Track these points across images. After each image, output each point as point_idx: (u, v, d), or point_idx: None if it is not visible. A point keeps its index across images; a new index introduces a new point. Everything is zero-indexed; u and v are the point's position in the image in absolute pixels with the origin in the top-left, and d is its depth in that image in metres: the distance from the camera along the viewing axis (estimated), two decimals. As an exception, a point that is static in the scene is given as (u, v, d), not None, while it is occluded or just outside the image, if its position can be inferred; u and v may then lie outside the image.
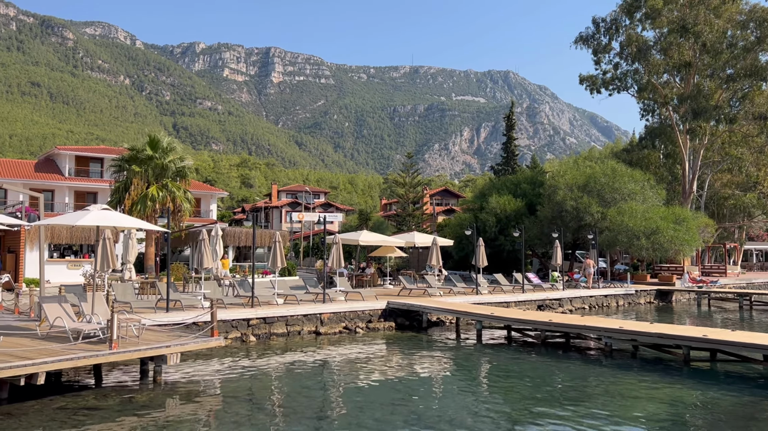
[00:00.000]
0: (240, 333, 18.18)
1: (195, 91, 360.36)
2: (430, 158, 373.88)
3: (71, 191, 47.37)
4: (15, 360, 10.26)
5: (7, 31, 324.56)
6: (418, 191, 63.41)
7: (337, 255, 23.68)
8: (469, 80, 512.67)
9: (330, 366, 15.29)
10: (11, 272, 27.22)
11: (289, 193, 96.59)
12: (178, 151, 31.86)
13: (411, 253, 42.58)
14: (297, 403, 11.56)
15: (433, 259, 27.66)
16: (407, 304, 21.97)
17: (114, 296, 18.09)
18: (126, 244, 24.46)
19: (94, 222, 13.18)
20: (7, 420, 9.78)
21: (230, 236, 35.07)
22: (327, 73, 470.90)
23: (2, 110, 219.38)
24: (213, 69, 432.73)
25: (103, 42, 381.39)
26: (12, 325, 14.28)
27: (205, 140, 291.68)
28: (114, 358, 11.63)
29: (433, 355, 17.10)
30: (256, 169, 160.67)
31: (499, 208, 39.93)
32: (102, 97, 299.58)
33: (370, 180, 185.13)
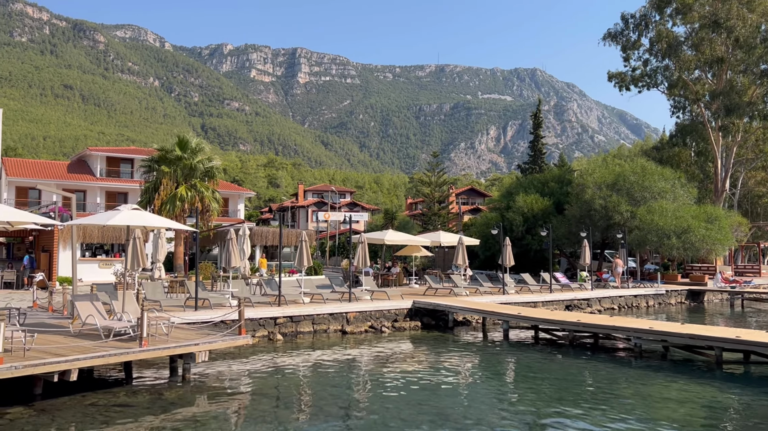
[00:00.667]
0: (267, 332, 18.34)
1: (223, 92, 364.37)
2: (456, 157, 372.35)
3: (102, 191, 48.28)
4: (49, 357, 10.49)
5: (40, 35, 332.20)
6: (444, 190, 63.21)
7: (363, 254, 23.73)
8: (496, 78, 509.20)
9: (356, 365, 15.33)
10: (45, 271, 27.88)
11: (315, 193, 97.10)
12: (207, 151, 32.28)
13: (437, 253, 42.48)
14: (323, 402, 11.62)
15: (459, 259, 27.55)
16: (433, 304, 21.92)
17: (144, 294, 18.39)
18: (156, 244, 24.83)
19: (124, 222, 13.41)
20: (41, 415, 10.01)
21: (257, 235, 35.40)
22: (353, 73, 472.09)
23: (36, 112, 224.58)
24: (240, 70, 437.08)
25: (133, 44, 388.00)
26: (46, 323, 14.61)
27: (233, 141, 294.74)
28: (144, 356, 11.82)
29: (460, 355, 17.03)
30: (282, 169, 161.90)
31: (526, 207, 39.58)
32: (132, 98, 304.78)
33: (395, 179, 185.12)
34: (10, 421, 9.65)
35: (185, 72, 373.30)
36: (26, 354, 10.55)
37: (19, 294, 24.17)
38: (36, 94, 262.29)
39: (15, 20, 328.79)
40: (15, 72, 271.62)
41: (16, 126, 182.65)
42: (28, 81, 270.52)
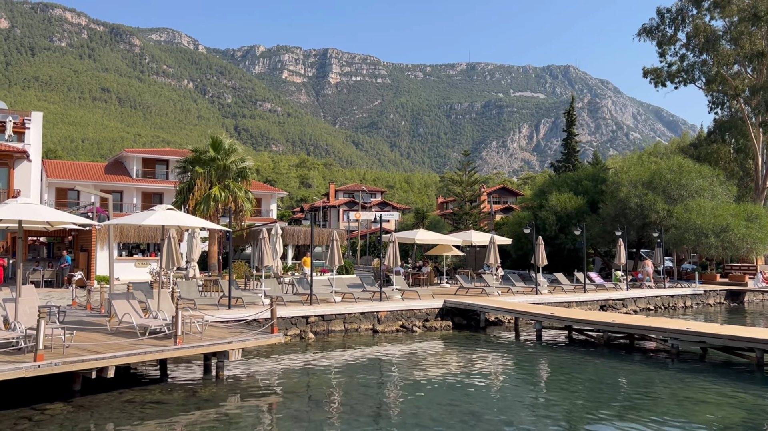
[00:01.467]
0: (299, 330, 18.47)
1: (255, 93, 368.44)
2: (487, 156, 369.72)
3: (138, 192, 49.26)
4: (87, 354, 10.74)
5: (79, 40, 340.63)
6: (475, 189, 62.80)
7: (394, 253, 23.72)
8: (528, 76, 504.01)
9: (387, 365, 15.33)
10: (84, 270, 28.56)
11: (347, 193, 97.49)
12: (240, 152, 32.66)
13: (468, 252, 42.23)
14: (355, 401, 11.64)
15: (490, 258, 27.35)
16: (465, 303, 21.79)
17: (179, 293, 18.70)
18: (190, 243, 25.23)
19: (159, 222, 13.64)
20: (79, 411, 10.25)
21: (289, 235, 35.69)
22: (383, 73, 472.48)
23: (75, 115, 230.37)
24: (272, 71, 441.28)
25: (167, 47, 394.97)
26: (84, 320, 14.96)
27: (265, 141, 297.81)
28: (179, 353, 12.02)
29: (492, 355, 16.90)
30: (314, 169, 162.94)
31: (559, 205, 39.08)
32: (167, 100, 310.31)
33: (426, 178, 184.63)
34: (50, 416, 9.90)
35: (219, 74, 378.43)
36: (65, 351, 10.82)
37: (58, 293, 24.81)
38: (75, 98, 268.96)
39: (55, 26, 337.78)
40: (55, 76, 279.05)
41: (56, 128, 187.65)
42: (68, 84, 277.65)
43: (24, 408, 10.16)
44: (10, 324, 11.68)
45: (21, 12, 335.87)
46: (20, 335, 10.94)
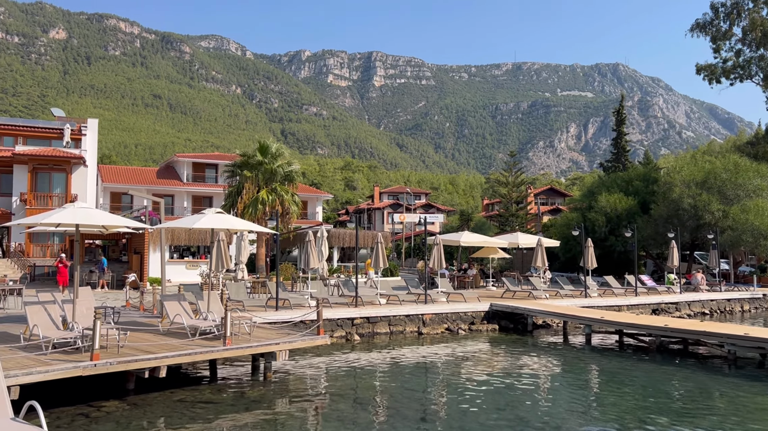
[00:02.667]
0: (345, 332, 18.58)
1: (301, 97, 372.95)
2: (534, 156, 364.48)
3: (189, 195, 50.47)
4: (140, 354, 11.06)
5: (132, 48, 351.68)
6: (522, 190, 61.99)
7: (438, 256, 23.62)
8: (576, 74, 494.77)
9: (433, 367, 15.27)
10: (137, 272, 29.43)
11: (391, 195, 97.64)
12: (286, 156, 33.14)
13: (514, 254, 41.69)
14: (400, 404, 11.63)
15: (538, 261, 26.94)
16: (511, 307, 21.52)
17: (228, 295, 19.06)
18: (239, 246, 25.71)
19: (209, 225, 13.94)
20: (133, 409, 10.56)
21: (335, 237, 35.97)
22: (428, 74, 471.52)
23: (128, 121, 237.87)
24: (318, 75, 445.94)
25: (216, 54, 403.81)
26: (137, 321, 15.40)
27: (311, 145, 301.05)
28: (228, 354, 12.25)
29: (539, 359, 16.63)
30: (359, 171, 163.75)
31: (609, 206, 38.20)
32: (216, 106, 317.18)
33: (471, 180, 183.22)
34: (106, 414, 10.23)
35: (266, 79, 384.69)
36: (120, 351, 11.16)
37: (113, 294, 25.63)
38: (128, 104, 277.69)
39: (109, 35, 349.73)
40: (109, 84, 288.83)
41: (111, 135, 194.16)
42: (121, 92, 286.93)
43: (81, 405, 10.52)
44: (69, 324, 12.14)
45: (78, 23, 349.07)
46: (78, 335, 11.35)
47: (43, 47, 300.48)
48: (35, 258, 35.43)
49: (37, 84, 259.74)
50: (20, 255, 35.15)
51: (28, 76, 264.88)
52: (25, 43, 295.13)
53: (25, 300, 14.81)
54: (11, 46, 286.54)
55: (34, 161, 36.73)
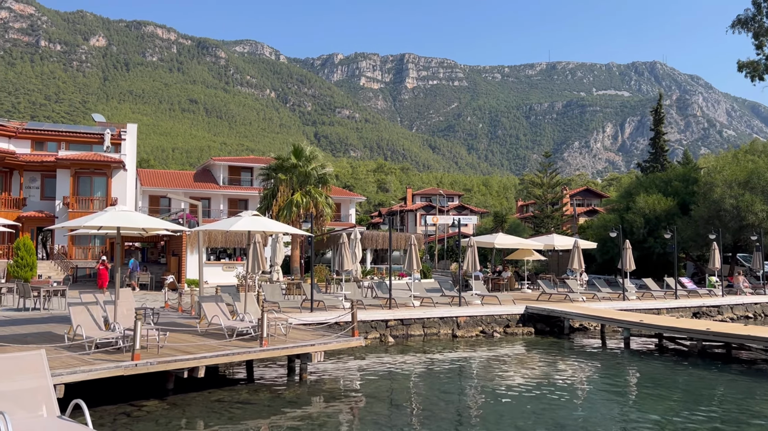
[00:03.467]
0: (378, 334, 18.61)
1: (334, 100, 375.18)
2: (569, 157, 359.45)
3: (225, 198, 51.23)
4: (180, 355, 11.26)
5: (169, 54, 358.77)
6: (557, 191, 61.22)
7: (472, 258, 23.47)
8: (611, 73, 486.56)
9: (467, 370, 15.18)
10: (175, 273, 29.97)
11: (424, 197, 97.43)
12: (320, 158, 33.39)
13: (550, 256, 41.15)
14: (435, 406, 11.58)
15: (574, 263, 26.55)
16: (547, 309, 21.26)
17: (264, 296, 19.27)
18: (274, 248, 25.95)
19: (246, 228, 14.13)
20: (173, 409, 10.75)
21: (368, 239, 36.06)
22: (460, 75, 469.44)
23: (166, 126, 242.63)
24: (350, 78, 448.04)
25: (250, 59, 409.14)
26: (176, 322, 15.68)
27: (344, 147, 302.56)
28: (264, 355, 12.38)
29: (577, 363, 16.38)
30: (391, 173, 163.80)
31: (647, 207, 37.44)
32: (250, 110, 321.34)
33: (505, 181, 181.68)
34: (147, 413, 10.44)
35: (299, 83, 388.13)
36: (159, 351, 11.37)
37: (152, 295, 26.16)
38: (165, 109, 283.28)
39: (147, 41, 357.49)
40: (147, 89, 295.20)
41: (149, 139, 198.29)
42: (159, 97, 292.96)
43: (122, 404, 10.76)
44: (110, 324, 12.42)
45: (117, 30, 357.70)
46: (119, 335, 11.61)
47: (84, 54, 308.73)
48: (77, 260, 36.41)
49: (78, 90, 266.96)
50: (63, 257, 36.17)
51: (70, 83, 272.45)
52: (67, 50, 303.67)
53: (69, 301, 15.24)
54: (54, 54, 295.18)
55: (76, 165, 37.76)
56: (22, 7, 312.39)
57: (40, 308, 19.60)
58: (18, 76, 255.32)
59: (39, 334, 13.68)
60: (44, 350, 6.85)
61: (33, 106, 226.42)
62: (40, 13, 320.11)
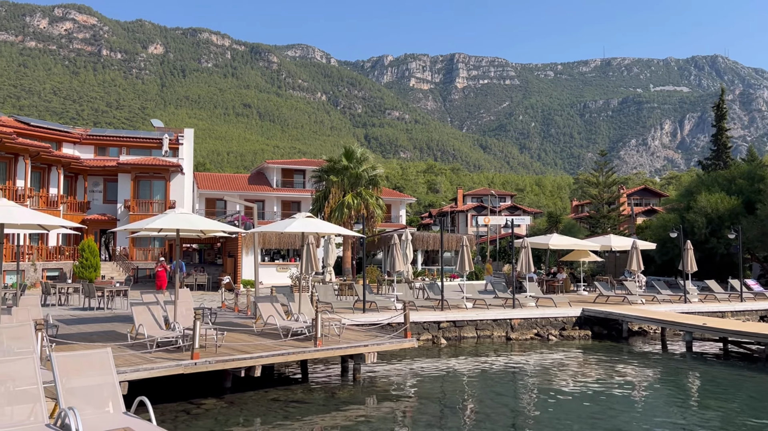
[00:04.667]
0: (431, 335, 18.53)
1: (384, 102, 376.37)
2: (625, 155, 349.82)
3: (278, 200, 52.08)
4: (237, 354, 11.49)
5: (223, 60, 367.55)
6: (613, 191, 59.60)
7: (526, 259, 23.11)
8: (670, 69, 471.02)
9: (522, 373, 14.94)
10: (231, 274, 30.65)
11: (475, 197, 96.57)
12: (371, 160, 33.53)
13: (607, 258, 40.14)
14: (489, 409, 11.45)
15: (632, 264, 25.80)
16: (605, 312, 20.73)
17: (317, 297, 19.48)
18: (326, 249, 26.25)
19: (300, 229, 14.31)
20: (231, 407, 10.98)
21: (419, 240, 35.96)
22: (512, 74, 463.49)
23: (221, 130, 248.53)
24: (400, 80, 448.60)
25: (302, 62, 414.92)
26: (233, 322, 16.02)
27: (394, 149, 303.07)
28: (319, 355, 12.51)
29: (636, 367, 15.90)
30: (441, 174, 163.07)
31: (709, 206, 36.05)
32: (302, 113, 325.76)
33: (558, 181, 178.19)
34: (205, 411, 10.70)
35: (349, 85, 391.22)
36: (217, 351, 11.64)
37: (209, 296, 26.82)
38: (220, 114, 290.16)
39: (202, 48, 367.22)
40: (203, 95, 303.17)
41: (205, 143, 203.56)
42: (214, 102, 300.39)
43: (182, 402, 11.06)
44: (170, 324, 12.79)
45: (174, 38, 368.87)
46: (179, 334, 11.94)
47: (143, 62, 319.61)
48: (138, 261, 37.67)
49: (137, 97, 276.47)
50: (124, 258, 37.50)
51: (130, 90, 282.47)
52: (127, 58, 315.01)
53: (131, 301, 15.77)
54: (114, 62, 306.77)
55: (137, 170, 39.08)
56: (85, 18, 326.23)
57: (104, 308, 20.37)
58: (82, 84, 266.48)
59: (103, 333, 14.21)
60: (110, 348, 7.10)
61: (95, 112, 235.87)
62: (101, 23, 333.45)
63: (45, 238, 34.13)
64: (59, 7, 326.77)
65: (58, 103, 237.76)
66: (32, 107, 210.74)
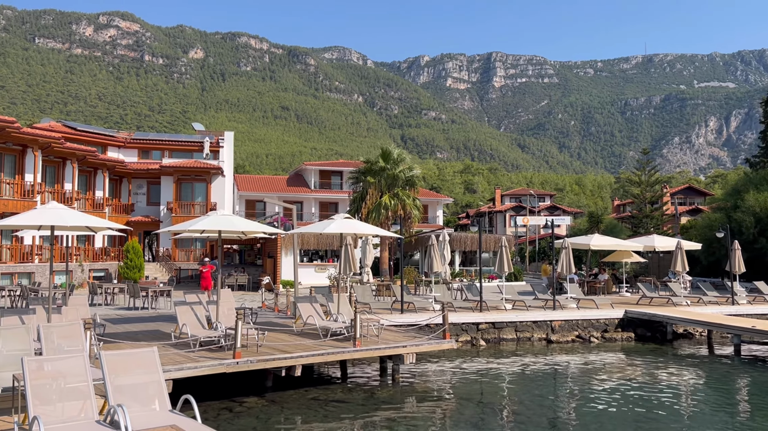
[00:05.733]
0: (470, 337, 18.42)
1: (420, 102, 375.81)
2: (669, 153, 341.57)
3: (316, 202, 52.53)
4: (278, 353, 11.63)
5: (261, 63, 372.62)
6: (656, 190, 58.25)
7: (567, 260, 22.74)
8: (714, 64, 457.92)
9: (563, 375, 14.73)
10: (270, 274, 31.03)
11: (513, 197, 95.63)
12: (407, 161, 33.53)
13: (650, 258, 39.26)
14: (530, 411, 11.32)
15: (677, 265, 25.12)
16: (649, 314, 20.26)
17: (355, 297, 19.57)
18: (364, 249, 26.33)
19: (339, 230, 14.41)
20: (271, 406, 11.12)
21: (456, 241, 35.79)
22: (550, 72, 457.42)
23: (260, 133, 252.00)
24: (437, 80, 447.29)
25: (339, 65, 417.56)
26: (273, 322, 16.22)
27: (430, 149, 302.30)
28: (358, 355, 12.57)
29: (681, 370, 15.50)
30: (479, 174, 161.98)
31: (758, 205, 34.91)
32: (339, 115, 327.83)
33: (599, 180, 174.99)
34: (247, 409, 10.87)
35: (386, 86, 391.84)
36: (258, 350, 11.81)
37: (250, 296, 27.21)
38: (259, 117, 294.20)
39: (241, 52, 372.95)
40: (242, 98, 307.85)
41: (244, 146, 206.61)
42: (253, 105, 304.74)
43: (225, 400, 11.25)
44: (213, 323, 13.03)
45: (213, 42, 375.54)
46: (221, 334, 12.15)
47: (184, 67, 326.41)
48: (180, 262, 38.48)
49: (179, 101, 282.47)
50: (167, 259, 38.35)
51: (171, 94, 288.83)
52: (169, 63, 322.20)
53: (175, 300, 16.11)
54: (157, 68, 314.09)
55: (179, 172, 39.93)
56: (128, 24, 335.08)
57: (148, 307, 20.87)
58: (125, 89, 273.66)
59: (148, 332, 14.56)
60: (156, 347, 7.27)
61: (138, 117, 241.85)
62: (144, 29, 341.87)
63: (91, 240, 35.14)
64: (104, 15, 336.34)
65: (103, 107, 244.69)
66: (78, 112, 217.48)
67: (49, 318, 11.67)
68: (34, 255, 30.09)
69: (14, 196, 29.07)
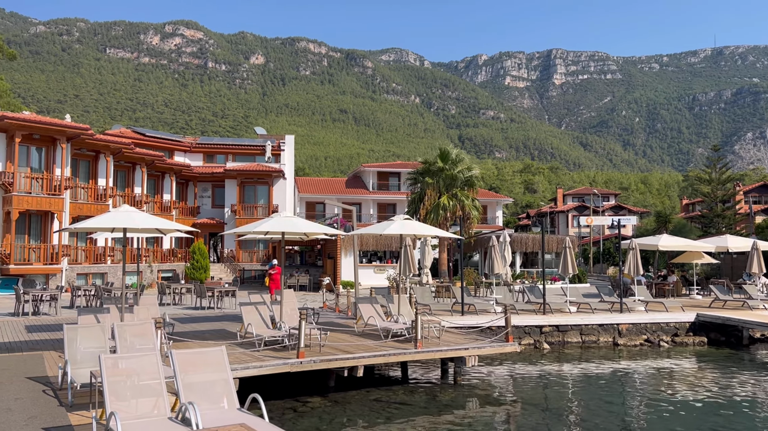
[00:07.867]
0: (533, 340, 18.07)
1: (478, 102, 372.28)
2: (741, 149, 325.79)
3: (374, 203, 52.78)
4: (340, 354, 11.72)
5: (320, 67, 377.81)
6: (728, 188, 55.67)
7: (634, 261, 22.01)
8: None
9: (632, 380, 14.24)
10: (331, 275, 31.36)
11: (575, 197, 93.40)
12: (466, 161, 33.22)
13: (723, 259, 37.55)
14: (598, 417, 10.99)
15: (753, 266, 23.91)
16: (723, 317, 19.36)
17: (415, 298, 19.53)
18: (423, 251, 26.25)
19: (398, 231, 14.40)
20: (334, 406, 11.21)
21: (517, 242, 35.23)
22: (613, 68, 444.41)
23: (318, 136, 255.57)
24: (495, 79, 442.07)
25: (396, 66, 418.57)
26: (334, 322, 16.36)
27: (489, 149, 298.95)
28: (419, 357, 12.52)
29: (760, 378, 14.72)
30: (539, 173, 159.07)
31: (841, 204, 32.85)
32: (396, 116, 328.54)
33: (666, 178, 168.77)
34: (311, 409, 10.99)
35: (443, 87, 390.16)
36: (321, 350, 11.92)
37: (311, 296, 27.58)
38: (318, 120, 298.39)
39: (300, 56, 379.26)
40: (301, 102, 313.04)
41: (303, 149, 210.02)
42: (312, 109, 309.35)
43: (289, 399, 11.42)
44: (277, 323, 13.25)
45: (273, 48, 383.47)
46: (285, 334, 12.35)
47: (245, 72, 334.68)
48: (243, 263, 39.39)
49: (240, 106, 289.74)
50: (232, 260, 39.33)
51: (234, 99, 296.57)
52: (231, 69, 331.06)
53: (240, 301, 16.49)
54: (219, 74, 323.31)
55: (242, 176, 40.91)
56: (192, 32, 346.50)
57: (214, 307, 21.44)
58: (190, 95, 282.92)
59: (215, 331, 14.95)
60: (224, 346, 7.43)
61: (203, 122, 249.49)
62: (207, 36, 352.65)
63: (160, 241, 36.43)
64: (169, 24, 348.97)
65: (169, 114, 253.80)
66: (146, 119, 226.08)
67: (122, 318, 12.14)
68: (106, 256, 31.45)
69: (88, 200, 30.49)
